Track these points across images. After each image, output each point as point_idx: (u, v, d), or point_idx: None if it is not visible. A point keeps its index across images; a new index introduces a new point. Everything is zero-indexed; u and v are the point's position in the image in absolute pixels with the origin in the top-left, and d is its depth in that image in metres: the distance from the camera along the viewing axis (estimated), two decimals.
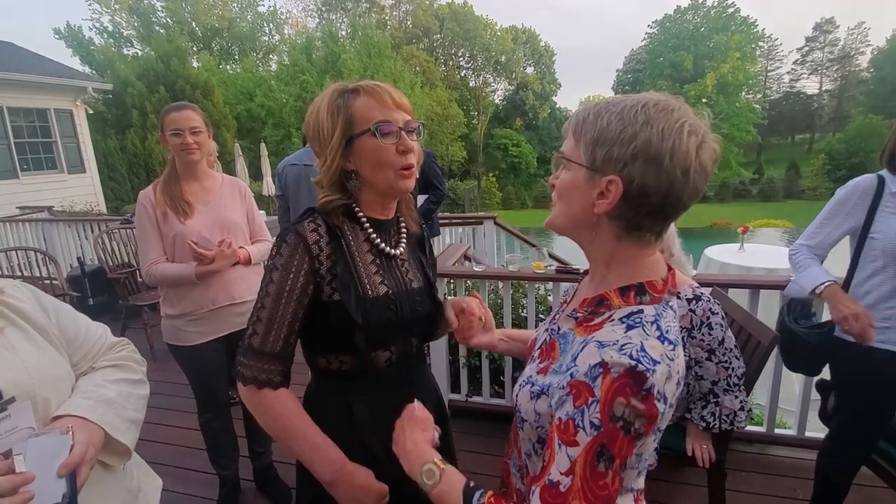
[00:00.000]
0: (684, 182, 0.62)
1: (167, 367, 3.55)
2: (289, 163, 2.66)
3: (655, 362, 0.59)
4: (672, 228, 1.69)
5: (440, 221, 4.23)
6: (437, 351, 2.61)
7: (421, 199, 3.37)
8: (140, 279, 4.11)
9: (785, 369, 2.09)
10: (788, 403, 2.62)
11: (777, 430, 2.32)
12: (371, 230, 0.95)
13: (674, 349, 0.63)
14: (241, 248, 1.85)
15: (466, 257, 4.40)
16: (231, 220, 1.87)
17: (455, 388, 2.75)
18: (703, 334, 1.59)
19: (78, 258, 3.87)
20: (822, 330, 1.59)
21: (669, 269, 0.72)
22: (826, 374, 1.74)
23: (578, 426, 0.59)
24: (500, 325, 2.73)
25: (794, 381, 2.43)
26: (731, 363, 1.59)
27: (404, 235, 1.03)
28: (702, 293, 1.63)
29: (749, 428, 2.37)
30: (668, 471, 2.10)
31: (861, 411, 1.59)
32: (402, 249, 1.00)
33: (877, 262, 1.47)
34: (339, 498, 0.87)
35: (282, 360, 0.89)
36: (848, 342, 1.51)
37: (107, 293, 4.39)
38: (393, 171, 0.90)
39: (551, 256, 2.97)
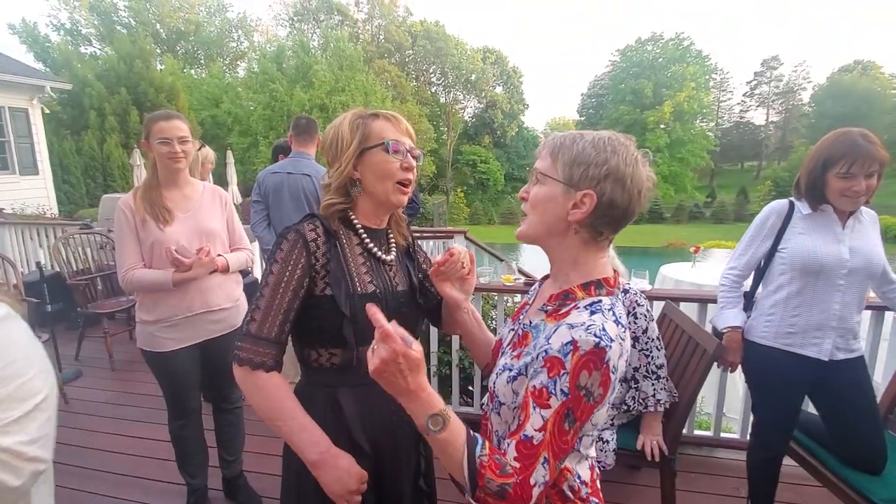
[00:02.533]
0: (638, 199, 0.79)
1: (127, 378, 3.48)
2: (270, 171, 2.76)
3: (612, 340, 0.73)
4: None
5: (413, 235, 4.32)
6: None
7: None
8: (100, 287, 3.99)
9: (730, 380, 2.30)
10: (733, 412, 2.84)
11: (723, 434, 2.53)
12: (364, 235, 1.06)
13: (624, 331, 0.78)
14: (219, 256, 1.87)
15: None
16: (211, 228, 1.89)
17: None
18: (629, 322, 1.79)
19: (37, 263, 3.72)
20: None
21: (614, 270, 0.87)
22: None
23: (551, 393, 0.72)
24: None
25: (738, 391, 2.63)
26: (651, 352, 1.82)
27: (394, 245, 1.14)
28: (630, 287, 1.89)
29: (697, 432, 2.56)
30: (624, 473, 2.25)
31: (774, 407, 1.79)
32: (392, 256, 1.11)
33: (784, 275, 1.69)
34: (322, 478, 0.93)
35: (276, 345, 0.97)
36: (754, 342, 1.77)
37: (63, 300, 4.22)
38: (392, 184, 1.02)
39: (520, 271, 3.11)
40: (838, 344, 1.66)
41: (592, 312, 0.77)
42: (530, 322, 0.89)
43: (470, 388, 2.80)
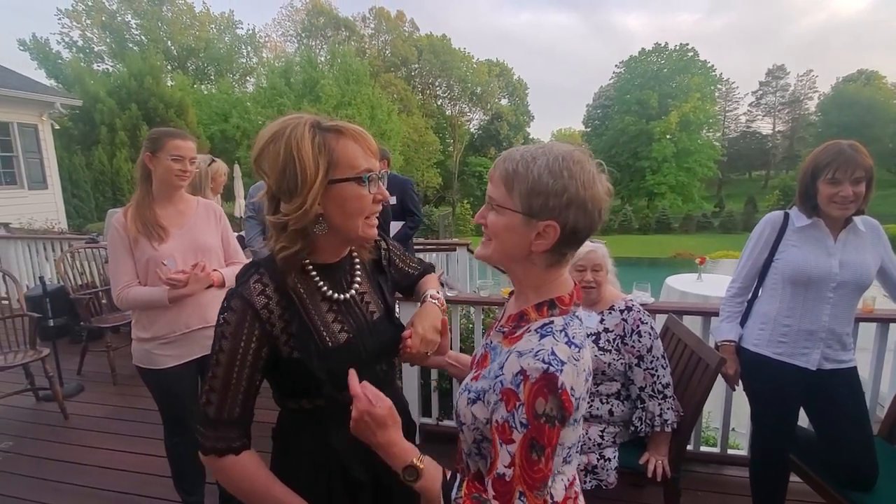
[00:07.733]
0: (599, 218, 0.78)
1: (129, 393, 3.47)
2: (263, 186, 2.78)
3: (563, 363, 0.71)
4: (605, 251, 1.92)
5: (415, 247, 4.32)
6: (409, 375, 2.64)
7: (397, 225, 3.45)
8: (104, 301, 4.00)
9: (737, 395, 2.25)
10: (741, 427, 2.76)
11: (730, 451, 2.45)
12: (320, 281, 0.93)
13: (579, 351, 0.75)
14: (215, 270, 1.86)
15: (440, 282, 4.48)
16: (206, 243, 1.89)
17: (426, 411, 2.78)
18: (633, 341, 1.79)
19: (40, 277, 3.75)
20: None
21: (575, 284, 0.85)
22: None
23: (512, 427, 0.71)
24: (471, 348, 2.80)
25: (745, 405, 2.56)
26: (657, 371, 1.77)
27: (358, 269, 1.01)
28: (633, 304, 1.84)
29: (704, 449, 2.49)
30: (626, 491, 2.18)
31: (770, 414, 1.80)
32: (355, 289, 0.98)
33: (776, 285, 1.73)
34: None
35: (240, 424, 0.88)
36: (747, 350, 1.80)
37: (67, 314, 4.25)
38: (362, 219, 0.89)
39: None
40: (827, 354, 1.68)
41: (542, 336, 0.76)
42: (491, 342, 0.89)
43: None
